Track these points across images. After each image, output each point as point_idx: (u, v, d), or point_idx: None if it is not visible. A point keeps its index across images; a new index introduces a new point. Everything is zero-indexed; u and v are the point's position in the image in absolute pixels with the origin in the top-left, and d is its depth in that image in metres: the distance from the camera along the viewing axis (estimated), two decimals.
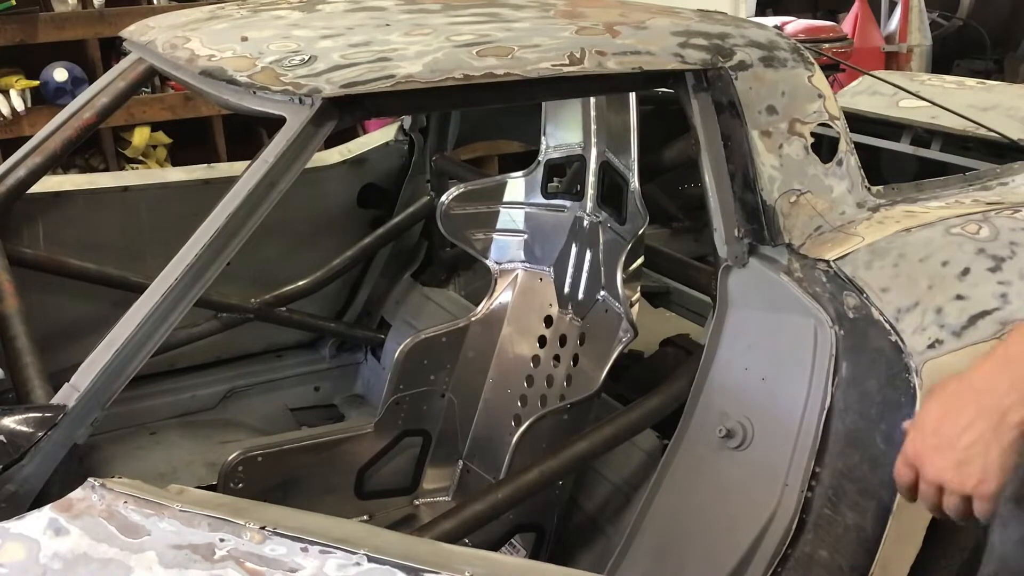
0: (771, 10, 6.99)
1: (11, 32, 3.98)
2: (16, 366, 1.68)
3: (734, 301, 1.84)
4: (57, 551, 1.15)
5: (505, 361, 2.45)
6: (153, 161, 4.39)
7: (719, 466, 1.80)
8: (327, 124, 1.55)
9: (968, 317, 1.66)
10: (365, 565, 1.09)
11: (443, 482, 2.48)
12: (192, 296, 1.47)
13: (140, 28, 2.14)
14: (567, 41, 1.70)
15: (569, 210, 2.37)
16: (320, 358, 2.98)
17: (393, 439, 2.40)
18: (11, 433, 1.33)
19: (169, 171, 2.87)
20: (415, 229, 2.93)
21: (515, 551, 2.14)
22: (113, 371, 1.40)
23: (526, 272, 2.47)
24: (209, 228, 1.48)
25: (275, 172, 1.51)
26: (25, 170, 2.19)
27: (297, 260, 2.77)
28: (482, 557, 1.17)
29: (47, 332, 2.35)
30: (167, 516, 1.17)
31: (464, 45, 1.66)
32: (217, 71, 1.63)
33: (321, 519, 1.22)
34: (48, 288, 2.43)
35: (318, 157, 2.75)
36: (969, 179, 2.07)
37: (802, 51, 1.89)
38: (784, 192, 1.78)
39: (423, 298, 2.85)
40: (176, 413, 2.76)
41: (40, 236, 2.43)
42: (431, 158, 2.86)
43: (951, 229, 1.76)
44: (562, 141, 2.40)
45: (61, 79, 4.07)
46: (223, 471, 2.18)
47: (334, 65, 1.57)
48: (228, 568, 1.11)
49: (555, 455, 1.84)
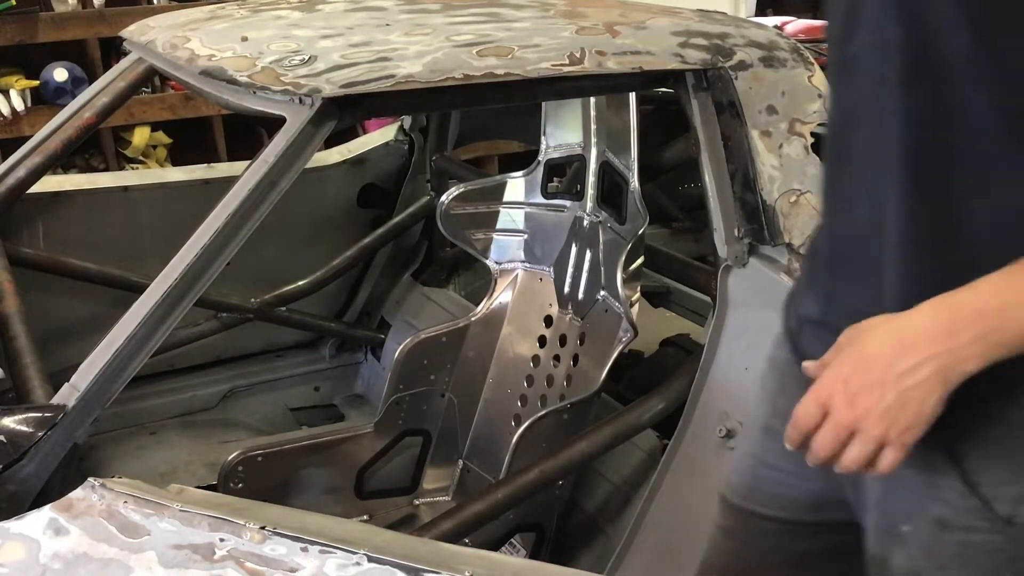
0: (771, 10, 6.98)
1: (11, 32, 3.98)
2: (16, 366, 1.68)
3: (734, 301, 1.84)
4: (57, 551, 1.15)
5: (505, 361, 2.45)
6: (153, 161, 4.39)
7: (719, 466, 1.80)
8: (327, 124, 1.55)
9: None
10: (365, 565, 1.09)
11: (443, 482, 2.48)
12: (192, 296, 1.47)
13: (140, 28, 2.14)
14: (567, 41, 1.70)
15: (569, 210, 2.37)
16: (320, 358, 2.98)
17: (393, 439, 2.40)
18: (11, 433, 1.33)
19: (169, 171, 2.88)
20: (415, 229, 2.93)
21: (515, 551, 2.14)
22: (113, 371, 1.40)
23: (526, 272, 2.47)
24: (209, 228, 1.48)
25: (275, 172, 1.51)
26: (25, 170, 2.18)
27: (297, 260, 2.77)
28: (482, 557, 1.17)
29: (47, 332, 2.35)
30: (167, 516, 1.17)
31: (464, 45, 1.66)
32: (217, 71, 1.63)
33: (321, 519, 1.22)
34: (48, 288, 2.43)
35: (318, 157, 2.75)
36: None
37: (802, 51, 1.89)
38: (784, 192, 1.78)
39: (423, 298, 2.85)
40: (176, 413, 2.76)
41: (40, 236, 2.43)
42: (431, 158, 2.86)
43: None
44: (562, 141, 2.40)
45: (61, 79, 4.07)
46: (223, 471, 2.18)
47: (334, 65, 1.57)
48: (228, 568, 1.11)
49: (555, 455, 1.84)
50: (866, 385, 1.02)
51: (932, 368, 1.00)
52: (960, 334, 0.99)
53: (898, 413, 1.01)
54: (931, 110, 1.06)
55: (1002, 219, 1.06)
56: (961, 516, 1.14)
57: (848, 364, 1.05)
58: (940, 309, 1.01)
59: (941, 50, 1.03)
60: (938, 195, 1.08)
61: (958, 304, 1.01)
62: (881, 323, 1.05)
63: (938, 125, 1.06)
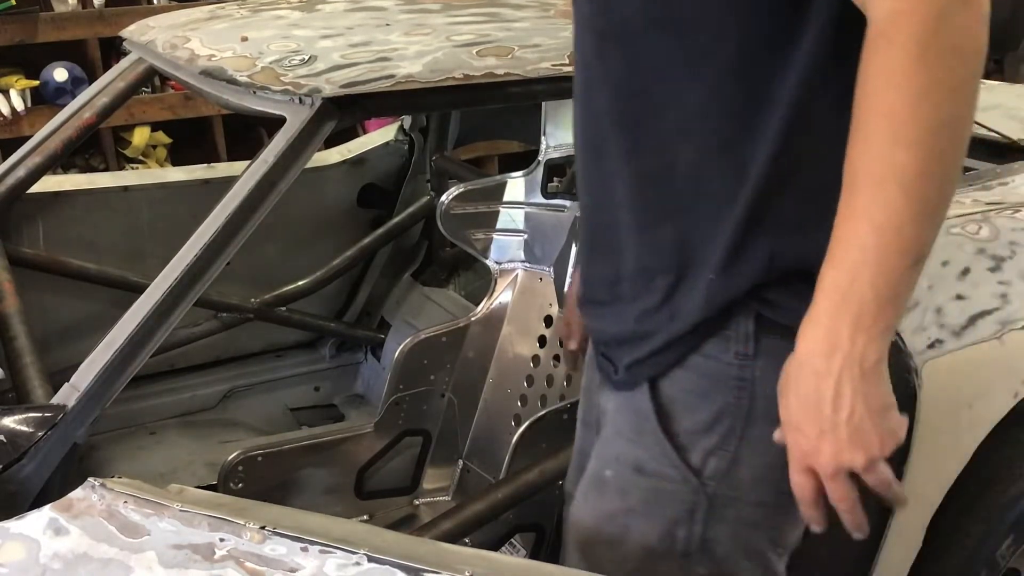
0: None
1: (11, 32, 3.98)
2: (16, 366, 1.68)
3: None
4: (57, 551, 1.15)
5: (505, 361, 2.45)
6: (153, 161, 4.39)
7: None
8: (327, 124, 1.55)
9: (968, 317, 1.66)
10: (365, 565, 1.09)
11: (443, 482, 2.48)
12: (192, 296, 1.47)
13: (140, 28, 2.14)
14: (567, 41, 1.70)
15: (569, 210, 2.37)
16: (320, 358, 2.98)
17: (393, 439, 2.40)
18: (11, 433, 1.33)
19: (169, 171, 2.87)
20: (415, 229, 2.93)
21: (515, 551, 2.14)
22: (113, 371, 1.40)
23: (526, 272, 2.47)
24: (209, 228, 1.48)
25: (275, 172, 1.51)
26: (25, 170, 2.18)
27: (297, 260, 2.77)
28: (482, 557, 1.17)
29: (47, 332, 2.35)
30: (167, 516, 1.17)
31: (464, 45, 1.66)
32: (217, 71, 1.63)
33: (321, 519, 1.22)
34: (48, 288, 2.43)
35: (318, 157, 2.75)
36: (969, 179, 2.07)
37: None
38: None
39: (423, 298, 2.85)
40: (176, 413, 2.76)
41: (40, 236, 2.43)
42: (431, 158, 2.86)
43: (951, 229, 1.76)
44: (562, 141, 2.40)
45: (61, 79, 4.07)
46: (223, 471, 2.18)
47: (334, 65, 1.57)
48: (228, 568, 1.11)
49: (555, 455, 1.84)
50: (821, 432, 1.03)
51: (849, 384, 1.01)
52: (841, 339, 1.01)
53: (862, 436, 1.02)
54: (624, 71, 1.14)
55: (707, 159, 1.13)
56: (656, 462, 1.21)
57: (792, 424, 1.06)
58: (815, 329, 1.03)
59: (623, 12, 1.12)
60: (651, 149, 1.17)
61: (821, 313, 1.03)
62: (788, 369, 1.07)
63: (634, 84, 1.15)
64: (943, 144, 0.97)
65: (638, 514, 1.24)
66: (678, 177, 1.16)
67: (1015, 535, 1.82)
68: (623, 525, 1.26)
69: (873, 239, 0.98)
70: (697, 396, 1.19)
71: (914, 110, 0.96)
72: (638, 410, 1.23)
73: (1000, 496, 1.78)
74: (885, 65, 0.97)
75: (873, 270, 0.99)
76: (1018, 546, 1.84)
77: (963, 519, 1.77)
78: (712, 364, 1.18)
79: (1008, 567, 1.85)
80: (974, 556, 1.78)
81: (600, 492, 1.29)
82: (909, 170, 0.97)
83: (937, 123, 0.96)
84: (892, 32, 0.96)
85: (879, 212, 0.98)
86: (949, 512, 1.71)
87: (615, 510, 1.27)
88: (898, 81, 0.96)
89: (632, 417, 1.24)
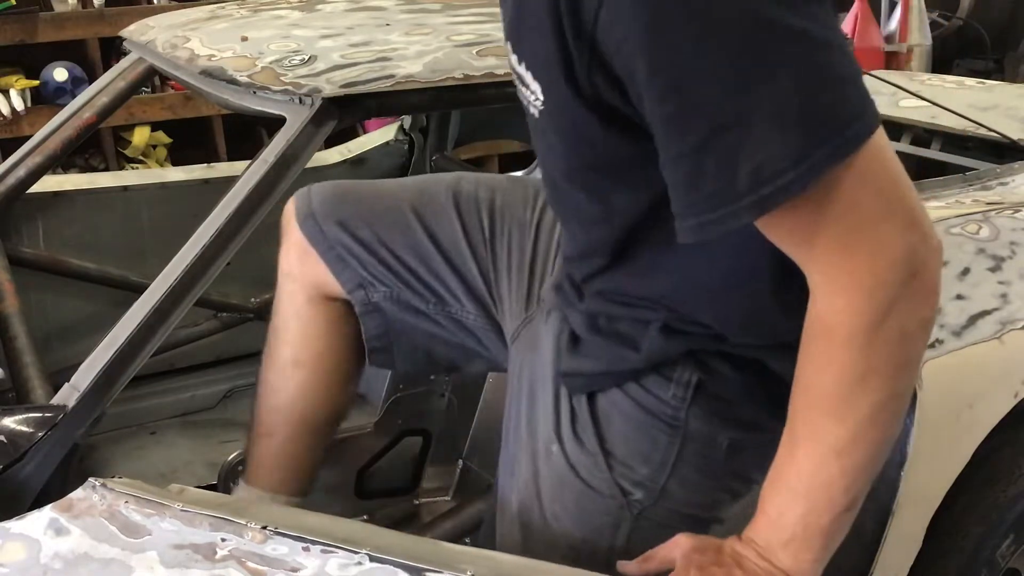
0: None
1: (11, 32, 3.98)
2: (16, 366, 1.68)
3: None
4: (58, 551, 1.15)
5: None
6: (153, 161, 4.39)
7: None
8: (327, 124, 1.55)
9: (968, 317, 1.66)
10: (367, 564, 1.09)
11: (443, 482, 2.48)
12: (192, 296, 1.47)
13: (140, 28, 2.14)
14: None
15: None
16: None
17: (393, 439, 2.40)
18: (11, 433, 1.33)
19: (169, 171, 2.87)
20: None
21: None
22: (113, 371, 1.40)
23: None
24: (209, 228, 1.48)
25: (275, 172, 1.51)
26: (25, 170, 2.18)
27: None
28: (484, 556, 1.17)
29: (47, 332, 2.35)
30: (168, 516, 1.17)
31: (464, 45, 1.66)
32: (217, 71, 1.63)
33: (322, 518, 1.23)
34: (48, 288, 2.42)
35: (318, 157, 2.75)
36: (969, 179, 2.07)
37: None
38: None
39: None
40: (176, 413, 2.76)
41: (40, 236, 2.43)
42: (431, 158, 2.86)
43: (951, 229, 1.76)
44: None
45: (61, 79, 4.07)
46: (223, 471, 2.17)
47: (334, 65, 1.57)
48: (230, 568, 1.11)
49: None
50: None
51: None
52: (775, 554, 1.06)
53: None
54: (544, 151, 1.21)
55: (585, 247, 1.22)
56: (587, 471, 1.25)
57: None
58: (758, 533, 1.08)
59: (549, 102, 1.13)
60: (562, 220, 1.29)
61: (760, 525, 1.08)
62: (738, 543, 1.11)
63: (548, 166, 1.23)
64: (884, 416, 1.00)
65: (570, 513, 1.27)
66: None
67: (1015, 535, 1.81)
68: (555, 515, 1.29)
69: (804, 484, 1.02)
70: (634, 427, 1.23)
71: (852, 395, 0.97)
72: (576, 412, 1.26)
73: (1000, 496, 1.78)
74: (825, 353, 0.98)
75: (803, 508, 1.03)
76: (1018, 546, 1.84)
77: (963, 519, 1.77)
78: (651, 399, 1.21)
79: (1008, 567, 1.85)
80: (974, 556, 1.78)
81: (548, 464, 1.30)
82: (843, 439, 0.99)
83: (878, 402, 0.98)
84: (836, 328, 0.96)
85: (809, 464, 1.01)
86: (949, 512, 1.71)
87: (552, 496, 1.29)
88: (837, 370, 0.97)
89: (572, 416, 1.27)
